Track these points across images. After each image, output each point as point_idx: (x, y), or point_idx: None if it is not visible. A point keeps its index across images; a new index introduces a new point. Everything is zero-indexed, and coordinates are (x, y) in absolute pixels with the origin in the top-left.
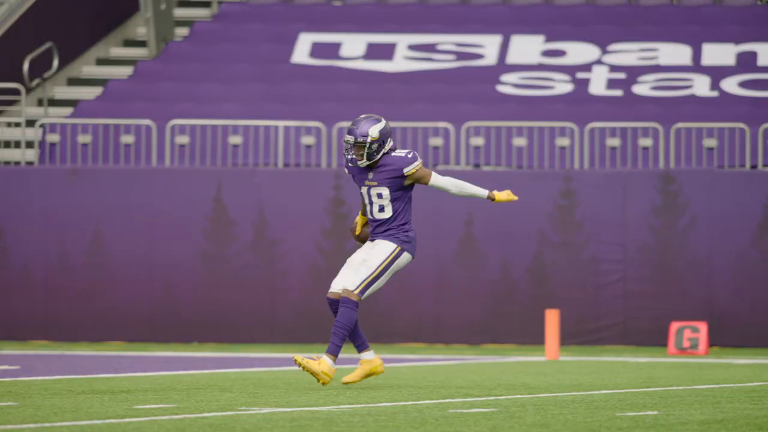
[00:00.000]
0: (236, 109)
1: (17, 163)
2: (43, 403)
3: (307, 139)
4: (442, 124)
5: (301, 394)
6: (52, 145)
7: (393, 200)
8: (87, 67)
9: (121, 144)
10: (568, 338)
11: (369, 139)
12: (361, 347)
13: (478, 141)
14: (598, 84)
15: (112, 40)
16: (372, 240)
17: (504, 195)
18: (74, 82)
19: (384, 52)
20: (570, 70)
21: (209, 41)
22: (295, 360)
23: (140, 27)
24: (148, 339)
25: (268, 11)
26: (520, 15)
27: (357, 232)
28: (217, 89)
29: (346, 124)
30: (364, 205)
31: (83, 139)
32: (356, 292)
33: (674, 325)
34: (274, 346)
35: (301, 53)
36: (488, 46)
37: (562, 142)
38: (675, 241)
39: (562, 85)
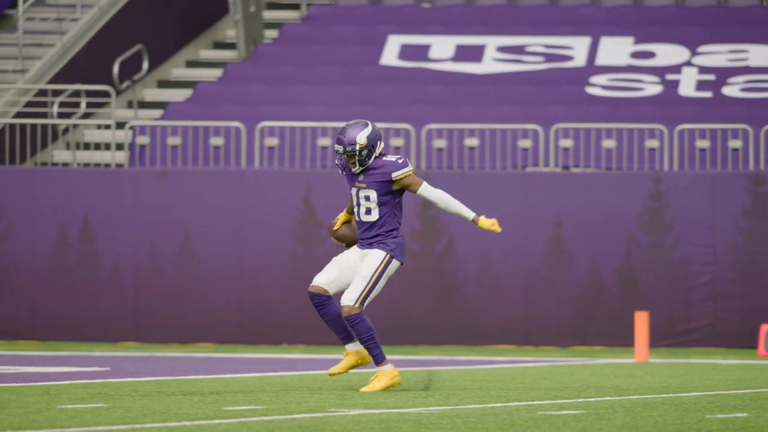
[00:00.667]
0: (325, 111)
1: (107, 165)
2: (133, 404)
3: (396, 141)
4: (531, 126)
5: (390, 395)
6: (142, 147)
7: (380, 204)
8: (176, 70)
9: (211, 146)
10: (657, 340)
11: (358, 147)
12: (345, 339)
13: (567, 143)
14: (687, 85)
15: (202, 43)
16: (361, 247)
17: (488, 223)
18: (164, 84)
19: (473, 53)
20: (659, 71)
21: (298, 43)
22: (364, 391)
23: (229, 29)
24: (238, 341)
25: (357, 13)
26: (609, 16)
27: (335, 228)
28: (306, 91)
29: (435, 126)
30: (352, 206)
31: (173, 141)
32: (356, 305)
33: (764, 327)
34: None
35: (390, 55)
36: (577, 48)
37: (652, 143)
38: (765, 243)
39: (652, 87)
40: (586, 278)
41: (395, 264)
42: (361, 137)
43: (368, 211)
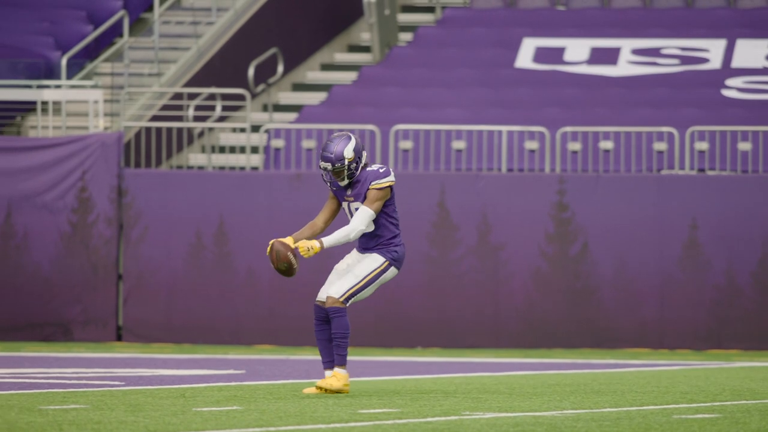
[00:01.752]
0: (459, 114)
1: (242, 168)
2: (268, 407)
3: (531, 144)
4: (666, 129)
5: (525, 399)
6: (277, 150)
7: None
8: (311, 73)
9: None
10: None
11: (346, 162)
12: (327, 365)
13: (702, 146)
14: None
15: (336, 46)
16: (361, 252)
17: (305, 245)
18: (299, 87)
19: (608, 56)
20: None
21: (433, 46)
22: (319, 387)
23: (364, 32)
24: (372, 344)
25: (492, 15)
26: (745, 18)
27: (294, 247)
28: (441, 94)
29: (570, 129)
30: (322, 222)
31: (307, 144)
32: (341, 299)
33: None
34: (497, 351)
35: (525, 58)
36: (713, 50)
37: None
38: None
39: None
40: (722, 281)
41: (392, 272)
42: (348, 151)
43: None
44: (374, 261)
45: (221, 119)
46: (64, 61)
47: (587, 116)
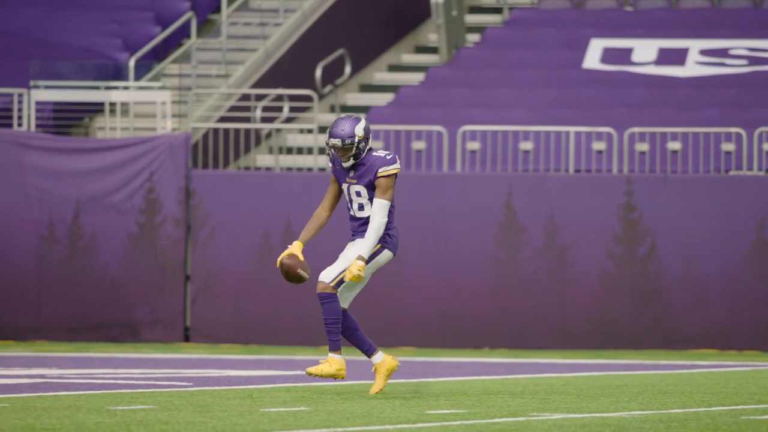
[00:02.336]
0: (527, 115)
1: (309, 169)
2: (335, 408)
3: (598, 145)
4: (734, 130)
5: (592, 400)
6: None
7: (371, 198)
8: (379, 74)
9: (413, 150)
10: None
11: (356, 140)
12: (369, 351)
13: None
14: None
15: (404, 47)
16: (353, 239)
17: (355, 267)
18: (366, 88)
19: (676, 57)
20: None
21: (500, 47)
22: (309, 373)
23: (431, 33)
24: (440, 344)
25: (560, 16)
26: None
27: (302, 260)
28: (508, 95)
29: (638, 129)
30: (315, 227)
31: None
32: (332, 284)
33: None
34: (564, 352)
35: (592, 59)
36: None
37: None
38: None
39: None
40: None
41: (386, 254)
42: (359, 129)
43: (361, 207)
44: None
45: (288, 120)
46: (132, 63)
47: (655, 117)
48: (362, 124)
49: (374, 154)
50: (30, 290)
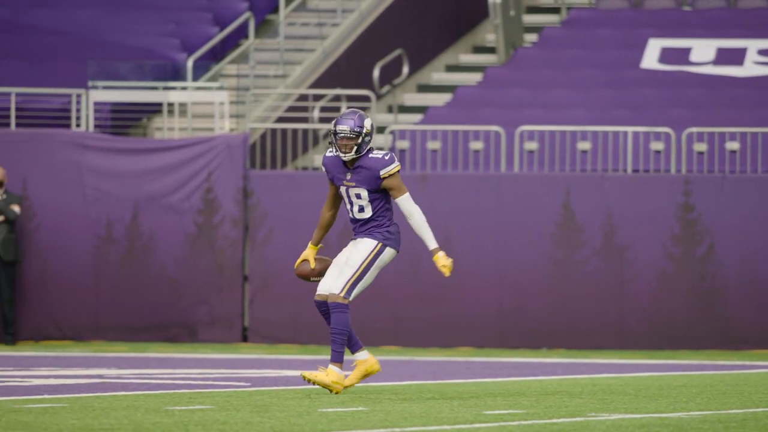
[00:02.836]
0: (585, 115)
1: None
2: (393, 408)
3: (656, 145)
4: None
5: (651, 400)
6: (402, 151)
7: (372, 200)
8: (436, 74)
9: (470, 150)
10: None
11: (364, 131)
12: (354, 347)
13: None
14: None
15: (461, 47)
16: (354, 239)
17: (441, 261)
18: (424, 88)
19: (734, 56)
20: None
21: (558, 47)
22: (304, 377)
23: (489, 33)
24: (498, 345)
25: (617, 16)
26: None
27: (312, 267)
28: (566, 95)
29: (696, 129)
30: (324, 225)
31: (433, 145)
32: (342, 294)
33: None
34: (622, 352)
35: (650, 59)
36: None
37: None
38: None
39: None
40: None
41: (389, 253)
42: (367, 123)
43: (361, 209)
44: (367, 246)
45: None
46: (190, 63)
47: (713, 117)
48: (369, 120)
49: (371, 156)
50: (88, 291)
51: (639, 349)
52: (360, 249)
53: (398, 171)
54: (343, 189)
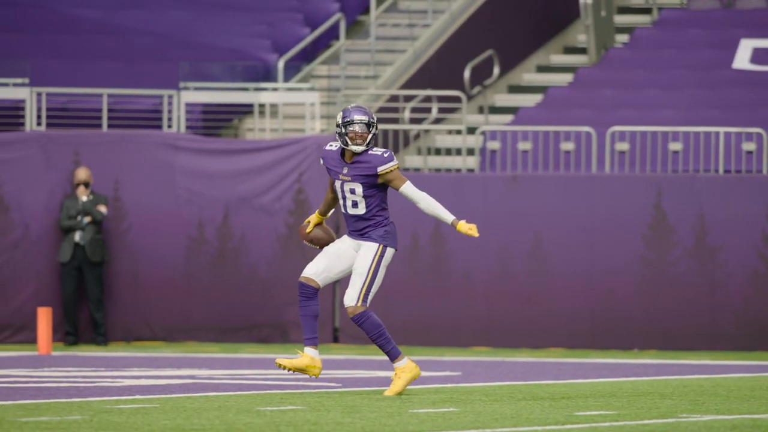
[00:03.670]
0: (676, 116)
1: (458, 170)
2: (484, 409)
3: (748, 146)
4: None
5: (743, 401)
6: (493, 152)
7: (366, 197)
8: (527, 75)
9: (561, 151)
10: None
11: (376, 124)
12: (309, 341)
13: None
14: None
15: (552, 47)
16: (352, 238)
17: (465, 227)
18: (514, 89)
19: None
20: None
21: (649, 47)
22: (390, 394)
23: (580, 34)
24: (589, 345)
25: (709, 17)
26: None
27: (307, 231)
28: (657, 95)
29: None
30: (328, 202)
31: (523, 146)
32: (359, 304)
33: None
34: (714, 353)
35: (742, 59)
36: None
37: None
38: None
39: None
40: None
41: (390, 252)
42: (374, 118)
43: (355, 204)
44: (369, 251)
45: (437, 121)
46: (281, 64)
47: None
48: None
49: (370, 152)
50: (180, 291)
51: (730, 350)
52: (363, 255)
53: (396, 168)
54: (338, 183)
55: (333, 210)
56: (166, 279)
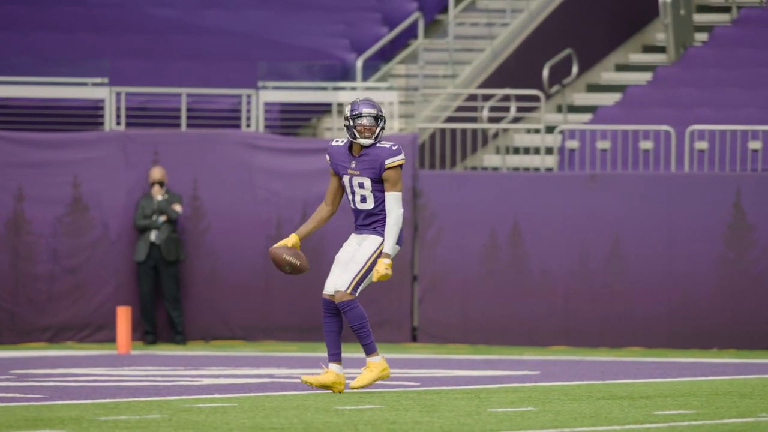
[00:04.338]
0: (756, 114)
1: (536, 169)
2: (563, 408)
3: None
4: None
5: None
6: (571, 151)
7: (374, 191)
8: (606, 74)
9: (640, 150)
10: None
11: (385, 117)
12: (333, 357)
13: None
14: None
15: (631, 46)
16: (358, 233)
17: (380, 265)
18: (593, 88)
19: None
20: None
21: (728, 46)
22: (352, 387)
23: (659, 32)
24: (667, 345)
25: None
26: None
27: (282, 257)
28: (736, 94)
29: None
30: (318, 219)
31: (602, 145)
32: (349, 291)
33: None
34: None
35: None
36: None
37: None
38: None
39: None
40: None
41: (394, 248)
42: (383, 111)
43: (363, 199)
44: (373, 243)
45: (515, 120)
46: (359, 63)
47: None
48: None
49: (379, 145)
50: (258, 291)
51: None
52: (365, 246)
53: (401, 165)
54: (346, 178)
55: (313, 230)
56: (245, 278)
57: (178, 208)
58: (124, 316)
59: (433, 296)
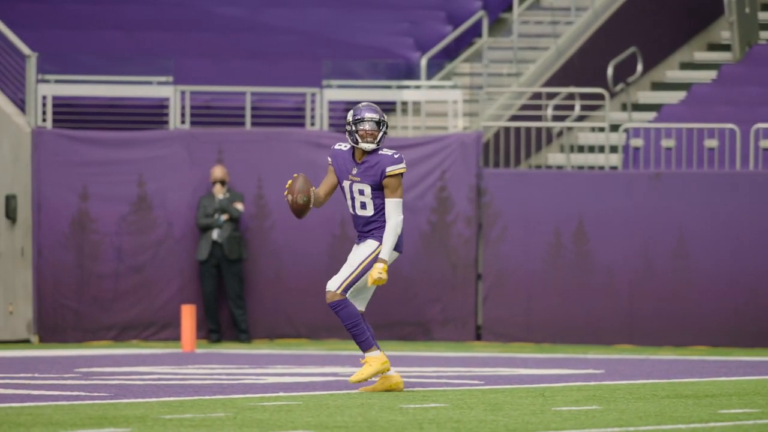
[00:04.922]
0: None
1: (601, 167)
2: (627, 407)
3: None
4: None
5: None
6: (636, 149)
7: (374, 198)
8: (670, 72)
9: (705, 148)
10: None
11: (387, 123)
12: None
13: None
14: None
15: (696, 44)
16: (358, 241)
17: (375, 272)
18: (658, 86)
19: None
20: None
21: None
22: (352, 381)
23: (724, 30)
24: (732, 344)
25: None
26: None
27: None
28: None
29: None
30: (323, 193)
31: (666, 143)
32: (339, 291)
33: None
34: None
35: None
36: None
37: None
38: None
39: None
40: None
41: (393, 255)
42: (385, 117)
43: (363, 206)
44: (368, 247)
45: (580, 119)
46: (423, 62)
47: None
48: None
49: (381, 152)
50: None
51: None
52: (362, 249)
53: (402, 173)
54: (347, 184)
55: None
56: (309, 277)
57: (239, 206)
58: (188, 315)
59: (497, 294)
